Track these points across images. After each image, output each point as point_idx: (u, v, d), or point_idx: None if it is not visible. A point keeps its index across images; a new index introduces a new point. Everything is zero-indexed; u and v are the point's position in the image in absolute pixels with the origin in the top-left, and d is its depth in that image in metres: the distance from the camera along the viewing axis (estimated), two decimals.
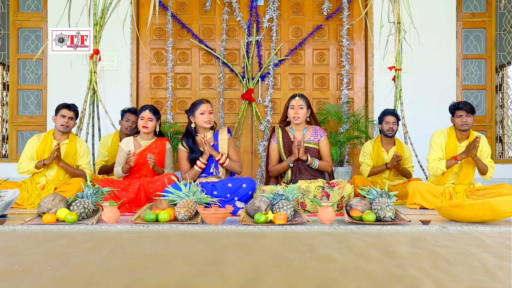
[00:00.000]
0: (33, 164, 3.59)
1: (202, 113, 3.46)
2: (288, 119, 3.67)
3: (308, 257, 1.98)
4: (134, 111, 4.05)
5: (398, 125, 4.10)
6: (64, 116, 3.62)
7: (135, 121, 4.01)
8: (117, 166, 3.59)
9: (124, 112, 4.10)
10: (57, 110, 3.66)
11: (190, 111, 3.53)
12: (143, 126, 3.56)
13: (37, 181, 3.62)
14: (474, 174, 3.68)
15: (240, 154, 5.03)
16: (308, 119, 3.66)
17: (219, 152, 3.46)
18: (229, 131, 3.61)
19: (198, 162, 3.43)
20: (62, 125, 3.62)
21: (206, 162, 3.45)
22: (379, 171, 4.04)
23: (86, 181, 3.56)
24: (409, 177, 4.09)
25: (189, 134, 3.52)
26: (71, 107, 3.66)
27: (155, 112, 3.63)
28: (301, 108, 3.54)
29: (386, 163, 4.00)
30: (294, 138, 3.56)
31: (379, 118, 4.18)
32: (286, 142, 3.61)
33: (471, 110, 3.57)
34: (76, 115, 3.72)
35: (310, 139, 3.61)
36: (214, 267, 1.84)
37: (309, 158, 3.50)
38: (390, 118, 4.04)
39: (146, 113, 3.57)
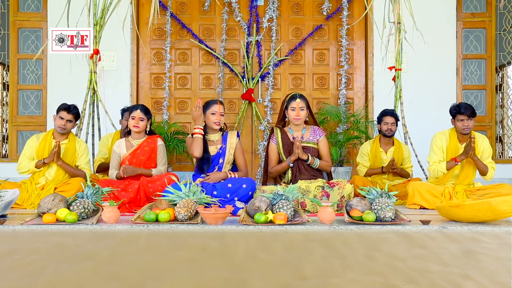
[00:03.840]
0: (33, 164, 3.59)
1: (213, 113, 3.42)
2: (286, 119, 3.65)
3: None
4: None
5: (397, 125, 4.10)
6: (62, 118, 3.61)
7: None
8: (111, 169, 3.57)
9: (123, 111, 4.10)
10: (58, 110, 3.65)
11: (204, 109, 3.45)
12: (134, 126, 3.53)
13: (37, 181, 3.62)
14: (474, 175, 3.67)
15: None
16: (306, 118, 3.65)
17: (228, 173, 3.42)
18: (238, 135, 3.56)
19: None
20: (59, 127, 3.61)
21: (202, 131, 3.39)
22: (375, 173, 4.06)
23: (86, 181, 3.59)
24: (408, 177, 4.09)
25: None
26: (71, 110, 3.62)
27: (146, 111, 3.59)
28: (302, 109, 3.53)
29: (382, 166, 4.01)
30: (293, 138, 3.55)
31: (378, 118, 4.18)
32: (286, 143, 3.60)
33: (472, 113, 3.54)
34: (76, 117, 3.69)
35: (309, 139, 3.60)
36: None
37: (309, 157, 3.49)
38: (389, 119, 4.04)
39: (137, 113, 3.54)
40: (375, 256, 2.19)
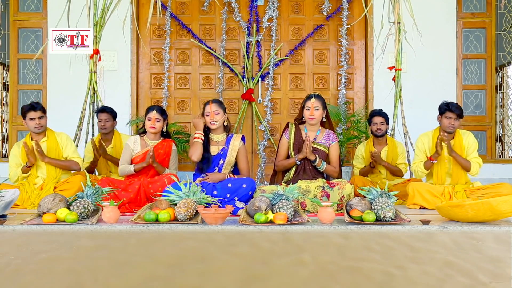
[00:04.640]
0: (19, 171, 3.58)
1: (207, 115, 3.45)
2: (303, 118, 3.67)
3: None
4: (103, 110, 4.07)
5: (387, 124, 4.15)
6: (33, 119, 3.55)
7: (107, 119, 4.05)
8: (122, 163, 3.57)
9: (96, 113, 4.13)
10: (24, 114, 3.56)
11: (202, 114, 3.52)
12: (150, 127, 3.56)
13: (33, 181, 3.62)
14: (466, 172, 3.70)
15: None
16: (324, 119, 3.66)
17: (228, 174, 3.44)
18: (243, 139, 3.56)
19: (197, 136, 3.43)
20: (36, 127, 3.56)
21: (203, 135, 3.44)
22: (365, 171, 4.12)
23: (79, 169, 3.62)
24: (400, 174, 4.11)
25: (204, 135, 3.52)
26: (37, 107, 3.55)
27: (162, 112, 3.63)
28: (317, 109, 3.53)
29: (370, 162, 4.05)
30: (306, 137, 3.56)
31: (368, 120, 4.22)
32: (297, 140, 3.61)
33: (460, 114, 3.61)
34: (44, 111, 3.62)
35: (322, 142, 3.60)
36: None
37: (317, 159, 3.50)
38: (377, 119, 4.10)
39: (154, 114, 3.57)
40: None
